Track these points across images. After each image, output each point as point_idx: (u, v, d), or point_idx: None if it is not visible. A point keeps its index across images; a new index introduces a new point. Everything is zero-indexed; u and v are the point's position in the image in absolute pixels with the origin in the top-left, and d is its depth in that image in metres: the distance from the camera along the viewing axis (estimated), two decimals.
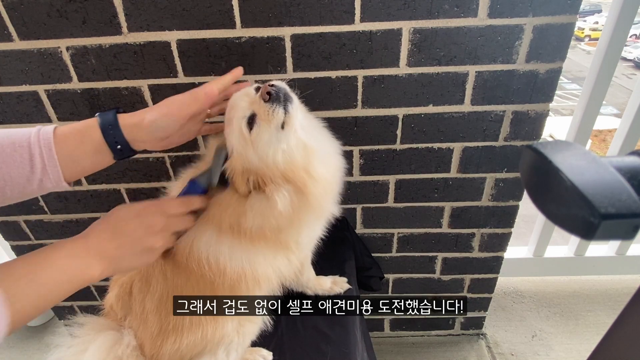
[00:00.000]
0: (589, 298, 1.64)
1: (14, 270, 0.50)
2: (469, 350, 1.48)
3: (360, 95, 1.01)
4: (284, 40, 0.93)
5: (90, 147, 0.64)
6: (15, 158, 0.59)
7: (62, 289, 0.54)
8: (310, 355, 0.83)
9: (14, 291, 0.48)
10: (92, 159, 0.65)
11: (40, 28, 0.92)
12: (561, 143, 0.37)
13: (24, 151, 0.60)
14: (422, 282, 1.38)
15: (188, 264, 0.72)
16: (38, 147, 0.60)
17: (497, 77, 0.97)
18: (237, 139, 0.67)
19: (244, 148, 0.67)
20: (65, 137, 0.62)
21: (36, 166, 0.60)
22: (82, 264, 0.56)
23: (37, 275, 0.51)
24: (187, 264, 0.72)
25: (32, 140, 0.60)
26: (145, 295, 0.76)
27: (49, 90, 1.01)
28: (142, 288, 0.76)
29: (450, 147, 1.09)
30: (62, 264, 0.54)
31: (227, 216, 0.69)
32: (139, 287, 0.77)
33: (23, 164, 0.59)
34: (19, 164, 0.59)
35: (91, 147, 0.64)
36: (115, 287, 0.81)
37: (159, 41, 0.94)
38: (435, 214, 1.22)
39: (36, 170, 0.60)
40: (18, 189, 0.60)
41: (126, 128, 0.65)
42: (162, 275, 0.74)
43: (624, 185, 0.31)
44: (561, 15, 0.89)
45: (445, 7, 0.89)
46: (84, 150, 0.63)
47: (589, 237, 0.31)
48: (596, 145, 7.77)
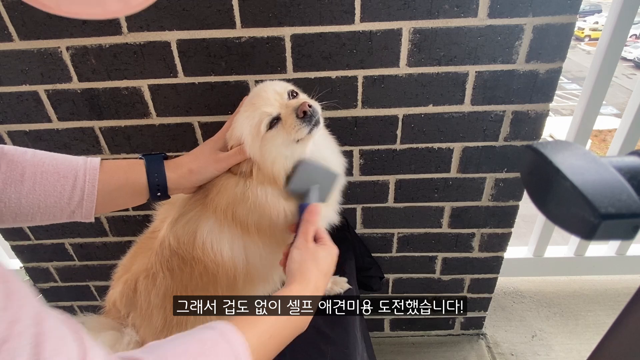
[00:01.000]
0: (589, 298, 1.64)
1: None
2: (469, 350, 1.48)
3: (360, 95, 1.01)
4: (284, 40, 0.93)
5: (131, 189, 0.65)
6: (56, 188, 0.59)
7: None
8: (310, 355, 0.83)
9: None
10: (128, 199, 0.67)
11: (40, 28, 0.92)
12: (561, 143, 0.37)
13: (67, 183, 0.60)
14: (422, 282, 1.38)
15: (193, 254, 0.72)
16: (82, 182, 0.61)
17: (497, 77, 0.97)
18: (251, 127, 0.68)
19: (253, 138, 0.68)
20: (110, 174, 0.63)
21: (74, 199, 0.61)
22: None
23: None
24: (192, 256, 0.72)
25: (79, 174, 0.61)
26: (151, 290, 0.76)
27: (49, 90, 1.01)
28: (147, 284, 0.76)
29: (450, 147, 1.09)
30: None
31: (224, 203, 0.70)
32: (145, 284, 0.77)
33: (63, 195, 0.60)
34: (59, 194, 0.60)
35: (132, 190, 0.65)
36: (119, 284, 0.81)
37: (159, 41, 0.94)
38: (435, 214, 1.22)
39: (72, 203, 0.61)
40: (48, 216, 0.61)
41: (171, 179, 0.67)
42: (169, 270, 0.75)
43: (624, 185, 0.31)
44: (561, 15, 0.89)
45: (445, 7, 0.89)
46: (125, 191, 0.65)
47: (589, 237, 0.31)
48: (596, 145, 7.77)
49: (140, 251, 0.85)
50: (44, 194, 0.59)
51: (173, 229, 0.74)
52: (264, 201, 0.69)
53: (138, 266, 0.80)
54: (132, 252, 0.87)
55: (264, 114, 0.67)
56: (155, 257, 0.76)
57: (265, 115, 0.67)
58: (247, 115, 0.69)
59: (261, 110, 0.67)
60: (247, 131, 0.68)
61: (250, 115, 0.68)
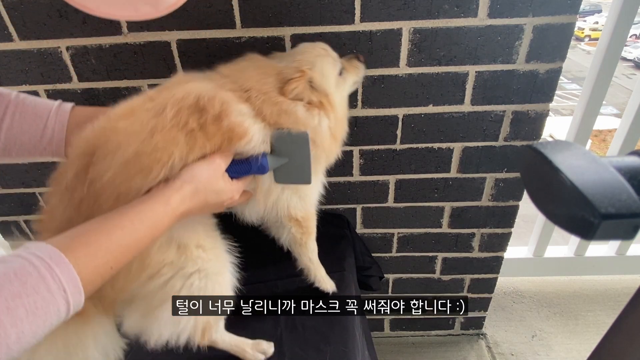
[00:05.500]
0: (589, 298, 1.64)
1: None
2: (469, 350, 1.48)
3: (360, 95, 1.01)
4: (284, 40, 0.93)
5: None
6: (32, 127, 0.68)
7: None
8: (310, 355, 0.83)
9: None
10: None
11: (40, 28, 0.92)
12: (561, 143, 0.37)
13: (40, 122, 0.68)
14: (422, 282, 1.38)
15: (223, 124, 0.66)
16: (53, 122, 0.69)
17: (497, 77, 0.97)
18: (327, 71, 0.78)
19: (330, 81, 0.78)
20: (78, 116, 0.71)
21: (45, 137, 0.69)
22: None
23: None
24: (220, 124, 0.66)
25: (51, 114, 0.69)
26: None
27: (49, 90, 1.01)
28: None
29: (450, 147, 1.09)
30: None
31: (269, 107, 0.70)
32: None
33: (36, 132, 0.68)
34: (34, 132, 0.68)
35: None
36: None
37: (159, 41, 0.94)
38: (435, 214, 1.22)
39: (44, 140, 0.69)
40: (23, 152, 0.69)
41: None
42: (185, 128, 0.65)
43: (624, 185, 0.31)
44: (561, 15, 0.89)
45: (445, 7, 0.89)
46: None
47: (589, 237, 0.31)
48: (596, 145, 7.76)
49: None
50: (21, 131, 0.67)
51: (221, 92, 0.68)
52: (324, 130, 0.76)
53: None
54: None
55: (335, 60, 0.81)
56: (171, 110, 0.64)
57: (337, 63, 0.81)
58: (327, 61, 0.79)
59: (331, 59, 0.80)
60: (320, 72, 0.76)
61: (330, 61, 0.80)
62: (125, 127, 0.62)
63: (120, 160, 0.59)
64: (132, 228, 0.52)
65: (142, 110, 0.64)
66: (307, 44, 0.81)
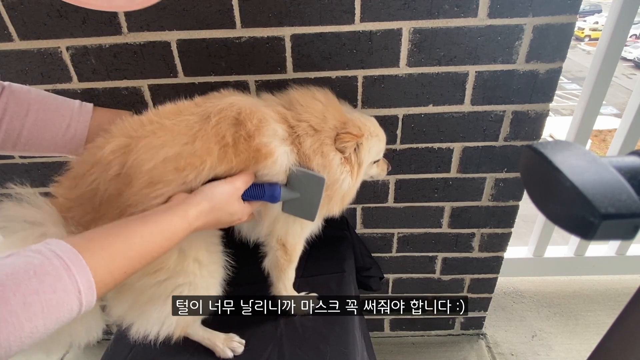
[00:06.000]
0: (589, 298, 1.64)
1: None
2: (469, 350, 1.48)
3: (360, 95, 1.01)
4: (284, 40, 0.93)
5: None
6: (55, 124, 0.71)
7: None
8: (310, 356, 0.83)
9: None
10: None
11: (40, 28, 0.92)
12: (561, 143, 0.37)
13: (64, 121, 0.72)
14: (422, 282, 1.38)
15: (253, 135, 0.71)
16: (76, 122, 0.73)
17: (497, 77, 0.97)
18: (373, 150, 0.85)
19: (369, 158, 0.84)
20: (100, 117, 0.75)
21: (67, 136, 0.72)
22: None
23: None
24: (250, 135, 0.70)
25: (73, 115, 0.73)
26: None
27: (49, 90, 1.00)
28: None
29: (450, 147, 1.09)
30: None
31: (313, 141, 0.75)
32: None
33: (59, 130, 0.72)
34: (57, 129, 0.71)
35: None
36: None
37: (159, 41, 0.94)
38: (435, 214, 1.22)
39: (65, 138, 0.72)
40: (43, 148, 0.72)
41: None
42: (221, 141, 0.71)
43: (624, 185, 0.31)
44: (561, 15, 0.89)
45: (445, 7, 0.89)
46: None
47: (589, 237, 0.31)
48: (596, 145, 7.76)
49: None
50: (44, 128, 0.70)
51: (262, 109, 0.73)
52: (343, 186, 0.80)
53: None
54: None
55: (382, 152, 0.91)
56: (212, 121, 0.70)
57: (382, 154, 0.91)
58: (379, 145, 0.86)
59: (382, 152, 0.90)
60: (374, 153, 0.85)
61: (381, 147, 0.88)
62: (171, 125, 0.68)
63: (163, 157, 0.65)
64: (150, 237, 0.55)
65: (188, 112, 0.70)
66: (374, 121, 0.87)
